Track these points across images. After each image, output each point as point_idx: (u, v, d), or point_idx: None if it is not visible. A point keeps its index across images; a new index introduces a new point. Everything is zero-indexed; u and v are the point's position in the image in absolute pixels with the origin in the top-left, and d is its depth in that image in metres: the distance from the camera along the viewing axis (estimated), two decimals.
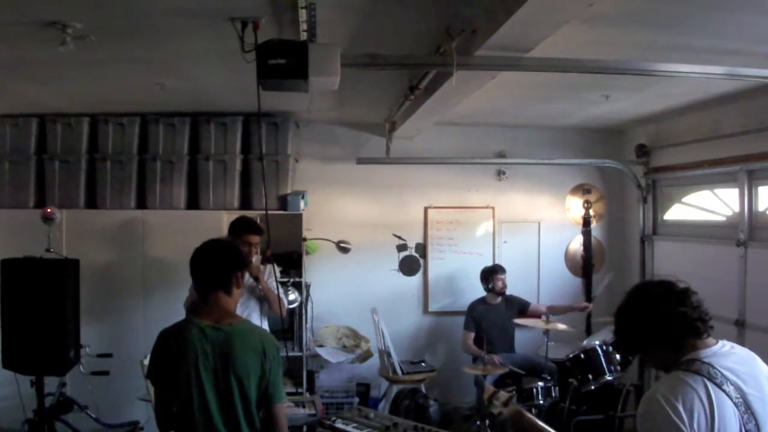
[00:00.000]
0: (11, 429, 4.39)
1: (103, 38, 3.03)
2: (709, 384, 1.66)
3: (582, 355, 4.67)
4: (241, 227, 4.07)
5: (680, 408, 1.62)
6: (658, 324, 1.76)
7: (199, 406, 2.30)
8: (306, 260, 5.39)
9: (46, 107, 4.99)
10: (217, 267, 2.45)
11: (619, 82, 3.97)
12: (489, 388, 2.43)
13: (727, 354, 1.75)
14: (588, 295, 5.85)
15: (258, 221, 4.37)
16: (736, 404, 1.66)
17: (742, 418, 1.66)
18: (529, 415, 2.19)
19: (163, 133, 5.18)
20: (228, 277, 2.45)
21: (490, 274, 5.47)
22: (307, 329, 5.39)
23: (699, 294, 1.82)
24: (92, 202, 5.17)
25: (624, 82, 3.95)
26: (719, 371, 1.68)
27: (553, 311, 5.57)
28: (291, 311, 5.00)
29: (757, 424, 1.69)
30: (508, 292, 5.54)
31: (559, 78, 3.86)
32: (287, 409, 2.56)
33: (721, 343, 1.79)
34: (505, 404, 2.24)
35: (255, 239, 4.05)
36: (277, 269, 4.26)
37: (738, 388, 1.68)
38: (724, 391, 1.66)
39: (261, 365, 2.35)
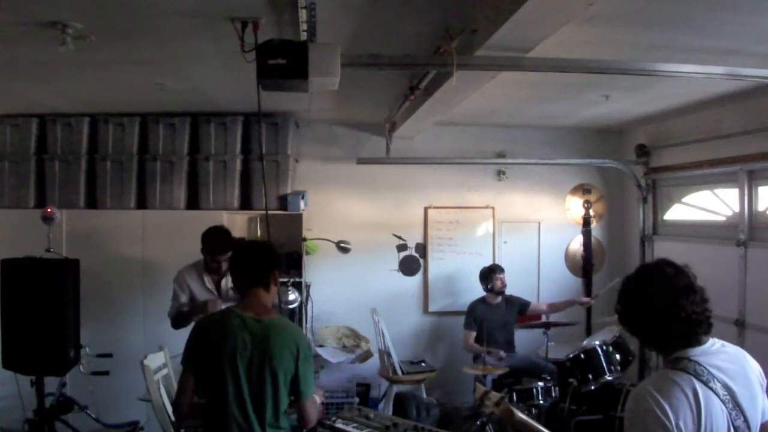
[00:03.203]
0: (11, 429, 4.39)
1: (103, 38, 3.03)
2: (696, 382, 1.67)
3: (582, 355, 4.66)
4: (212, 247, 3.85)
5: (666, 406, 1.63)
6: (661, 319, 1.76)
7: (234, 396, 2.41)
8: (306, 260, 5.39)
9: (46, 107, 4.99)
10: (257, 265, 2.59)
11: (619, 82, 3.97)
12: (480, 388, 2.44)
13: (716, 352, 1.76)
14: (588, 294, 5.85)
15: (258, 221, 4.34)
16: (723, 401, 1.67)
17: (730, 414, 1.68)
18: (520, 414, 2.20)
19: (163, 133, 5.19)
20: (267, 275, 2.58)
21: (489, 274, 5.48)
22: (307, 329, 5.39)
23: (706, 290, 1.81)
24: (92, 202, 5.18)
25: (624, 82, 3.95)
26: (706, 369, 1.70)
27: (554, 309, 5.58)
28: (291, 311, 5.00)
29: (746, 421, 1.70)
30: (508, 292, 5.54)
31: (559, 78, 3.86)
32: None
33: (711, 341, 1.79)
34: (497, 404, 2.24)
35: (224, 257, 3.81)
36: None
37: (726, 386, 1.70)
38: (711, 388, 1.67)
39: (295, 363, 2.46)
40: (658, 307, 1.76)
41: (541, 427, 2.18)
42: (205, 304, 3.80)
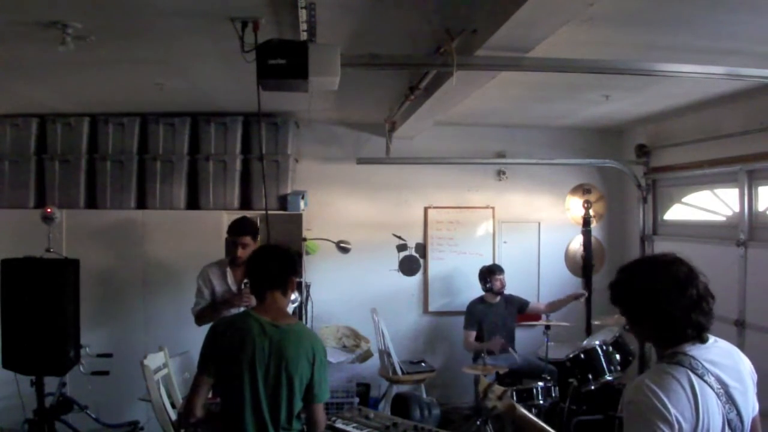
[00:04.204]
0: (11, 429, 4.39)
1: (103, 38, 3.03)
2: (691, 375, 1.69)
3: (582, 355, 4.66)
4: (232, 227, 4.03)
5: (665, 398, 1.64)
6: (675, 323, 1.76)
7: (250, 399, 2.45)
8: (306, 260, 5.39)
9: (46, 107, 4.98)
10: (278, 268, 2.63)
11: (619, 82, 3.97)
12: (484, 381, 2.43)
13: (709, 347, 1.77)
14: (588, 296, 5.84)
15: (258, 221, 4.36)
16: (717, 395, 1.69)
17: (724, 408, 1.70)
18: (522, 409, 2.20)
19: (163, 133, 5.18)
20: (285, 279, 2.63)
21: (488, 275, 5.47)
22: None
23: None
24: (92, 202, 5.17)
25: (624, 82, 3.95)
26: (701, 363, 1.71)
27: (553, 308, 5.57)
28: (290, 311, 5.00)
29: (738, 414, 1.72)
30: (507, 291, 5.54)
31: (559, 78, 3.86)
32: None
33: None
34: (500, 398, 2.24)
35: (244, 239, 3.96)
36: None
37: (719, 380, 1.71)
38: (705, 381, 1.69)
39: (311, 368, 2.51)
40: (690, 296, 1.74)
41: (543, 424, 2.17)
42: (237, 296, 3.80)
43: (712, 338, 1.81)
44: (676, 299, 1.75)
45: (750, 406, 1.78)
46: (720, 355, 1.77)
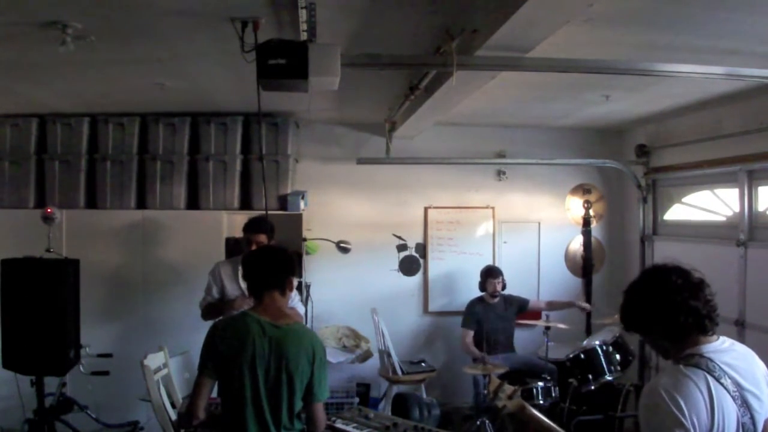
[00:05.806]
0: (11, 429, 4.40)
1: (103, 38, 3.03)
2: (709, 377, 1.69)
3: (582, 355, 4.67)
4: (247, 224, 4.06)
5: (681, 401, 1.64)
6: (669, 314, 1.77)
7: (251, 399, 2.46)
8: (306, 260, 5.39)
9: (46, 107, 4.99)
10: (275, 268, 2.66)
11: (619, 82, 3.97)
12: (495, 380, 2.44)
13: (727, 350, 1.78)
14: (588, 296, 5.85)
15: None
16: (733, 398, 1.69)
17: (739, 411, 1.70)
18: (532, 409, 2.20)
19: (163, 133, 5.18)
20: (283, 279, 2.64)
21: (485, 276, 5.46)
22: None
23: (711, 287, 1.83)
24: (92, 202, 5.17)
25: (624, 82, 3.95)
26: (718, 365, 1.71)
27: (553, 306, 5.57)
28: None
29: (752, 419, 1.72)
30: (507, 291, 5.54)
31: (559, 78, 3.86)
32: None
33: (721, 339, 1.81)
34: (510, 397, 2.24)
35: (258, 237, 3.99)
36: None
37: (736, 383, 1.71)
38: (722, 384, 1.69)
39: (311, 368, 2.52)
40: (668, 302, 1.77)
41: (552, 423, 2.18)
42: (233, 301, 3.81)
43: (729, 341, 1.82)
44: (663, 287, 1.78)
45: (764, 410, 1.77)
46: (737, 358, 1.77)
